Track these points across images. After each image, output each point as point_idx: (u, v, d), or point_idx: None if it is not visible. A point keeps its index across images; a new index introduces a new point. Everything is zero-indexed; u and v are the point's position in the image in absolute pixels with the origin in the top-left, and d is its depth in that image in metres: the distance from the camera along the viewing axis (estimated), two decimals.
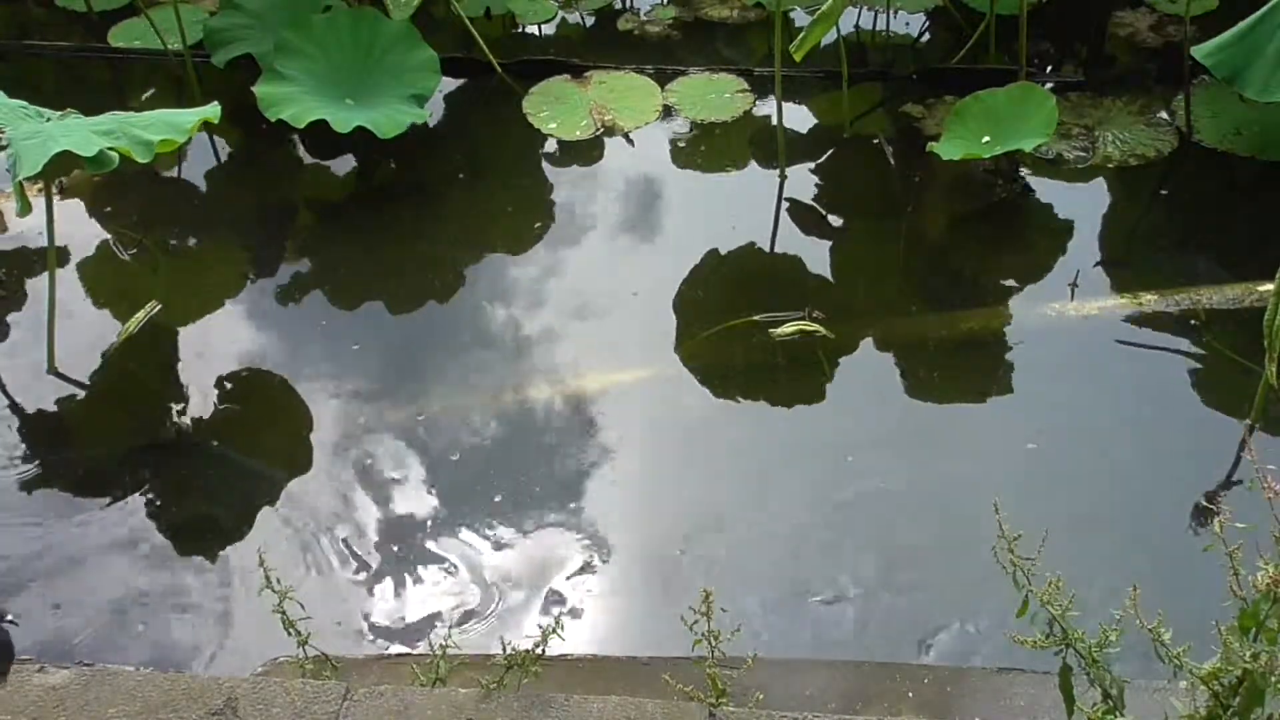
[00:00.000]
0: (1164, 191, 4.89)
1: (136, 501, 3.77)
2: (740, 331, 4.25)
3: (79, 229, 4.81)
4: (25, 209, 3.83)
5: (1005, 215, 4.82)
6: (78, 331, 4.33)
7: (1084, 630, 2.25)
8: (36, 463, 3.91)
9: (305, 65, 5.00)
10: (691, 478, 3.80)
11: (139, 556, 3.60)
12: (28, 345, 4.29)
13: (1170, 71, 5.28)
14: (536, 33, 6.06)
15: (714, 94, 5.45)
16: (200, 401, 4.11)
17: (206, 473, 3.89)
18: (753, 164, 5.15)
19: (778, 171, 5.00)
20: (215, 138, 5.35)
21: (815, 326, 4.21)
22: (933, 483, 3.69)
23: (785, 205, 4.89)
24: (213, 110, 4.11)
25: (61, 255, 4.59)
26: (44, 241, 4.14)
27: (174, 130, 4.02)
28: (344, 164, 5.26)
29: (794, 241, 4.71)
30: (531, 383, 4.12)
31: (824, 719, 2.72)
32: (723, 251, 4.64)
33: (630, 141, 5.24)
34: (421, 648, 3.27)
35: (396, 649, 3.31)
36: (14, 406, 4.11)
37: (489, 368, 4.20)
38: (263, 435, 4.06)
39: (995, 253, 4.65)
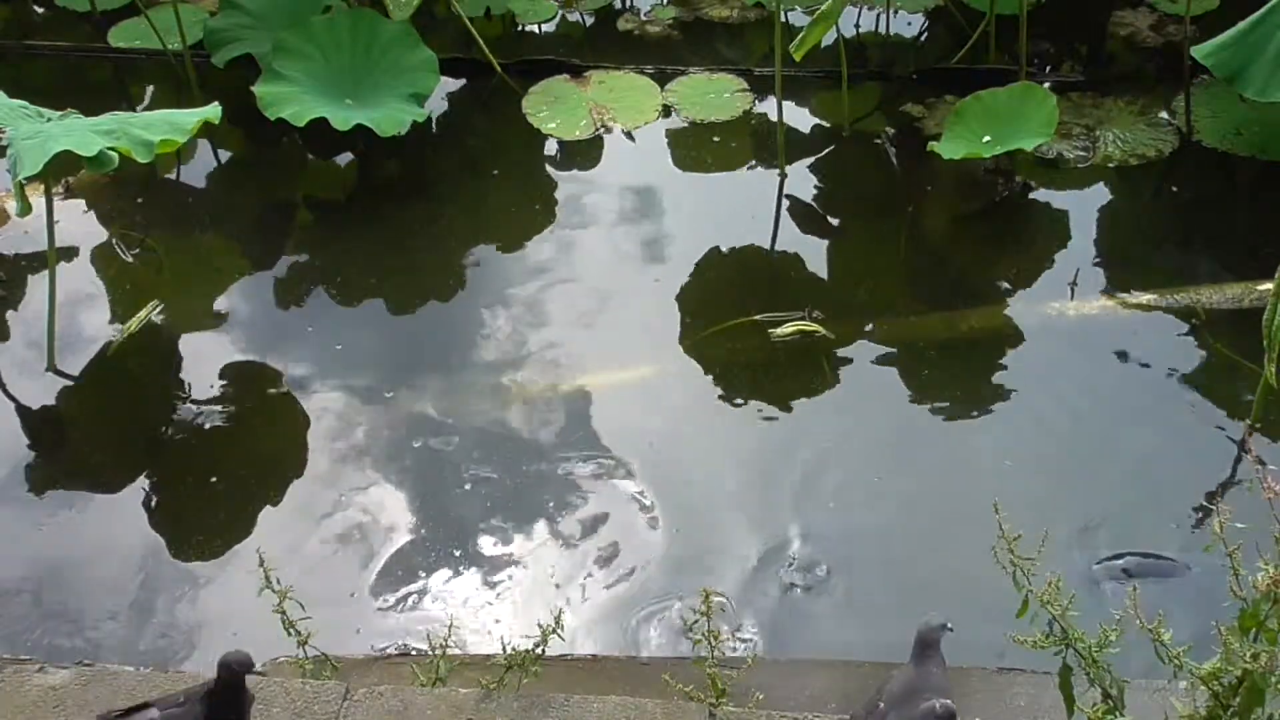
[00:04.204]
0: (1174, 189, 4.90)
1: (135, 499, 3.77)
2: (740, 331, 4.24)
3: (82, 229, 4.81)
4: (25, 209, 3.83)
5: (1006, 215, 4.82)
6: (79, 331, 4.33)
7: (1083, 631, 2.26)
8: (34, 460, 3.92)
9: (305, 65, 5.00)
10: (690, 475, 3.81)
11: (137, 554, 3.61)
12: (28, 344, 4.29)
13: (1170, 71, 5.27)
14: (536, 32, 6.06)
15: (714, 94, 5.44)
16: (201, 401, 4.11)
17: (206, 471, 3.89)
18: (753, 163, 5.14)
19: (778, 171, 5.00)
20: (216, 138, 5.35)
21: (815, 326, 4.20)
22: (930, 483, 3.70)
23: (785, 204, 4.88)
24: (213, 111, 4.10)
25: (65, 255, 4.59)
26: (45, 241, 4.14)
27: (175, 130, 4.01)
28: (344, 164, 5.26)
29: (794, 241, 4.71)
30: (528, 380, 4.13)
31: (824, 719, 2.72)
32: (723, 250, 4.64)
33: (631, 139, 5.23)
34: (421, 648, 3.27)
35: (396, 648, 3.32)
36: (13, 405, 4.11)
37: (485, 366, 4.21)
38: (263, 435, 4.07)
39: (996, 252, 4.65)
